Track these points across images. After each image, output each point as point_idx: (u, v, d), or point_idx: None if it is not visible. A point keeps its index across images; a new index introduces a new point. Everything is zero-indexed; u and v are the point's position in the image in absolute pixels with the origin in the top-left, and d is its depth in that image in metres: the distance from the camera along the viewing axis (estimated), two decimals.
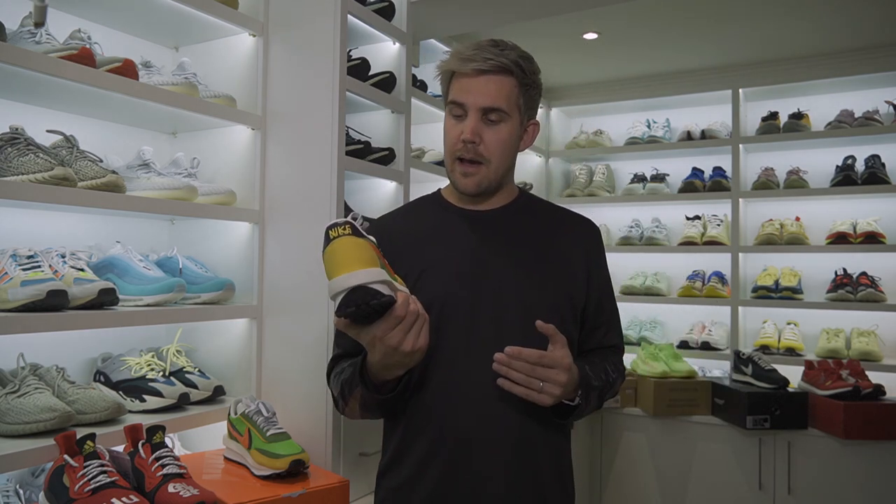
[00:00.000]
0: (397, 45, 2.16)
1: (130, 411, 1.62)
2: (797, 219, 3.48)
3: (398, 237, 1.33)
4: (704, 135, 3.60)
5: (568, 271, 1.31)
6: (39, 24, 1.48)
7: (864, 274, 3.26)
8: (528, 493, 1.25)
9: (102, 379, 1.70)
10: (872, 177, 3.20)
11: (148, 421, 1.49)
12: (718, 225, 3.59)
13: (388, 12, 2.09)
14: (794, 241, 3.37)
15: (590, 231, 1.39)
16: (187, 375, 1.75)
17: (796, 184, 3.38)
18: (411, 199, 2.17)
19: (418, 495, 1.26)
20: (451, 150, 1.29)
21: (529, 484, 1.25)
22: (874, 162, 3.27)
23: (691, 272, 3.69)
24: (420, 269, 1.27)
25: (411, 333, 1.09)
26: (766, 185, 3.44)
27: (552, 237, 1.34)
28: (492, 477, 1.23)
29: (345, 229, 1.08)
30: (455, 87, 1.27)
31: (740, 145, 3.51)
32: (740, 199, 3.51)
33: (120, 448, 1.46)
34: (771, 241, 3.41)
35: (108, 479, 1.28)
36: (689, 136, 3.63)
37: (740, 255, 3.49)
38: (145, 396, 1.64)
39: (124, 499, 1.24)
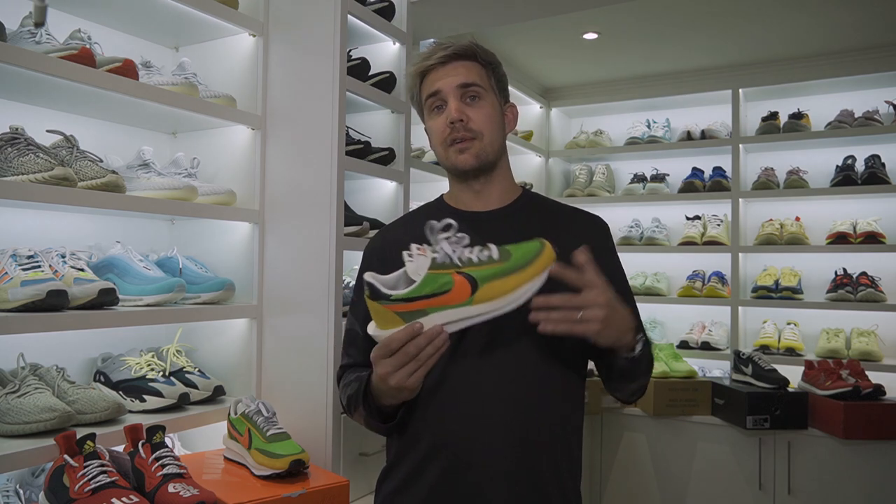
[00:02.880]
0: (397, 45, 2.16)
1: (130, 411, 1.62)
2: (797, 219, 3.48)
3: (399, 247, 1.32)
4: (704, 135, 3.60)
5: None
6: (39, 24, 1.48)
7: (864, 274, 3.26)
8: (528, 502, 1.22)
9: (102, 379, 1.70)
10: (872, 177, 3.20)
11: (148, 421, 1.49)
12: (718, 225, 3.59)
13: (388, 12, 2.09)
14: (794, 241, 3.37)
15: (597, 227, 1.37)
16: (187, 375, 1.75)
17: (796, 184, 3.39)
18: (411, 199, 2.18)
19: (413, 501, 1.24)
20: (441, 140, 1.29)
21: (530, 494, 1.22)
22: (874, 162, 3.27)
23: (691, 272, 3.69)
24: None
25: (402, 371, 1.07)
26: (766, 185, 3.44)
27: (557, 235, 1.32)
28: (490, 485, 1.20)
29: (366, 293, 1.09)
30: (425, 84, 1.30)
31: (740, 145, 3.51)
32: (740, 199, 3.51)
33: (120, 448, 1.46)
34: (771, 241, 3.41)
35: (108, 479, 1.28)
36: (689, 136, 3.63)
37: (740, 255, 3.49)
38: (145, 396, 1.64)
39: (124, 499, 1.24)
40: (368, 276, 1.07)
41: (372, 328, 1.10)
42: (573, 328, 1.07)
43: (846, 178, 3.27)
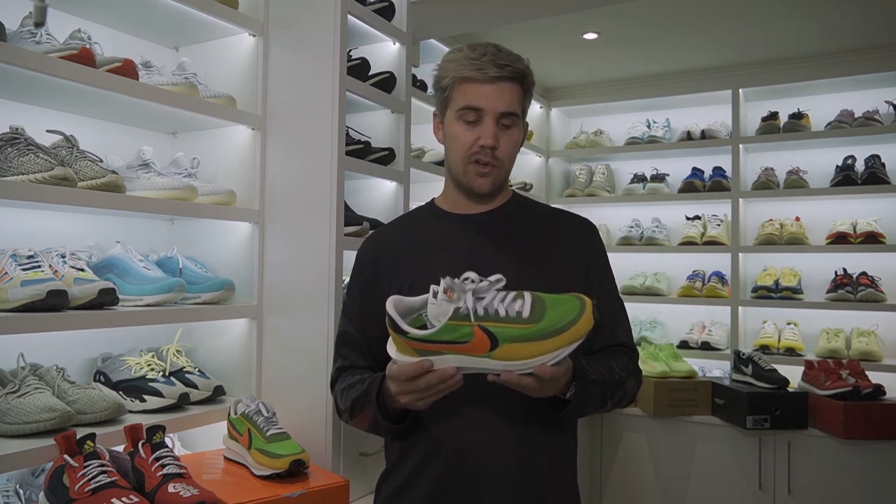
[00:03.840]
0: (397, 45, 2.16)
1: (130, 411, 1.62)
2: (797, 219, 3.48)
3: (391, 250, 1.33)
4: (704, 135, 3.60)
5: (565, 270, 1.29)
6: (39, 24, 1.48)
7: (864, 274, 3.26)
8: (529, 501, 1.22)
9: (102, 379, 1.70)
10: (872, 177, 3.20)
11: (148, 421, 1.49)
12: (718, 225, 3.59)
13: (388, 12, 2.09)
14: (794, 241, 3.37)
15: (586, 229, 1.38)
16: (187, 375, 1.75)
17: (796, 184, 3.38)
18: (411, 199, 2.18)
19: (413, 501, 1.24)
20: (465, 154, 1.27)
21: (529, 495, 1.22)
22: (874, 162, 3.27)
23: (691, 272, 3.69)
24: (413, 278, 1.25)
25: (412, 396, 1.10)
26: (766, 185, 3.44)
27: (548, 237, 1.33)
28: (489, 487, 1.20)
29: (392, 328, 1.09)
30: (466, 91, 1.26)
31: (740, 145, 3.51)
32: (740, 199, 3.51)
33: (120, 448, 1.47)
34: (771, 241, 3.41)
35: (108, 479, 1.28)
36: (689, 136, 3.63)
37: (740, 255, 3.49)
38: (145, 396, 1.64)
39: (124, 499, 1.24)
40: (390, 308, 1.06)
41: (391, 348, 1.11)
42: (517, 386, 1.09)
43: (846, 178, 3.27)
